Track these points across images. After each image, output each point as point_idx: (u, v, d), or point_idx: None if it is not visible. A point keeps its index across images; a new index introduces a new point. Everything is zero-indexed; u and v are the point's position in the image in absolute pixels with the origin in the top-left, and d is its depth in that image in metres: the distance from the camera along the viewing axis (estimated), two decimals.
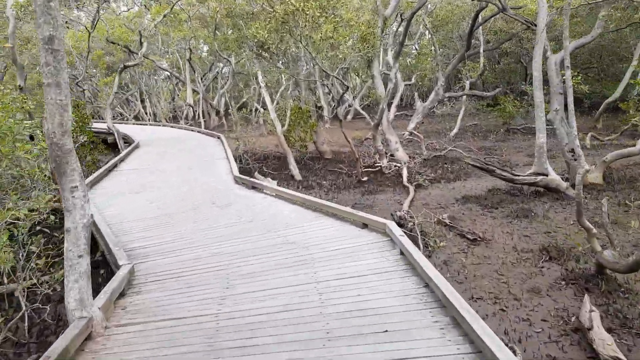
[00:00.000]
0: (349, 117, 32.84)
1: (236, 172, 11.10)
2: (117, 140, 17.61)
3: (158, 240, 7.09)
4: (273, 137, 20.00)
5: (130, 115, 37.04)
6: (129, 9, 33.60)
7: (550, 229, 8.94)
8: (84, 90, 18.50)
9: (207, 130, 21.94)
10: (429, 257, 7.72)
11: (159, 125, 30.12)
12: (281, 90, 20.07)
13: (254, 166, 16.85)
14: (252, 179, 9.67)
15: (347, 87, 13.79)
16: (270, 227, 7.34)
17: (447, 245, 8.37)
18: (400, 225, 8.63)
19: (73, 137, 13.36)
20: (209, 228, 7.48)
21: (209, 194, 9.36)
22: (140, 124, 31.94)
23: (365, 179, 13.90)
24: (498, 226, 9.32)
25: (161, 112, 37.63)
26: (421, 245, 7.83)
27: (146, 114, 39.10)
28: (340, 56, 12.95)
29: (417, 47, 34.01)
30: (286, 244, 6.64)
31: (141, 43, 29.35)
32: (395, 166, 14.50)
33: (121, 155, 14.42)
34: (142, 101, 41.30)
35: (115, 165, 12.99)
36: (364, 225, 7.06)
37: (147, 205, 8.90)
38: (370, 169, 14.98)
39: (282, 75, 22.19)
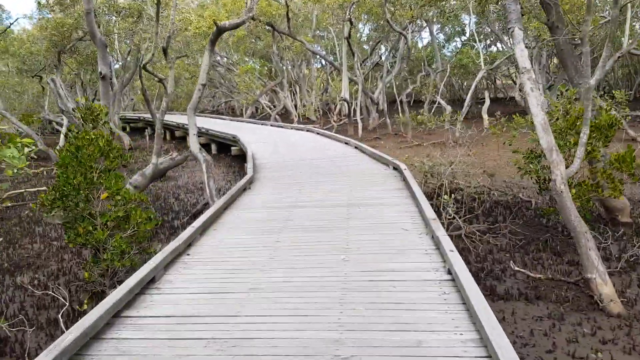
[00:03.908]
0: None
1: None
2: (206, 188, 8.88)
3: None
4: (466, 148, 10.88)
5: (273, 112, 30.75)
6: None
7: None
8: (161, 80, 12.08)
9: (372, 150, 13.20)
10: None
11: (294, 129, 21.60)
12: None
13: (471, 236, 8.13)
14: None
15: None
16: None
17: None
18: None
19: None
20: None
21: None
22: (276, 126, 23.54)
23: None
24: None
25: (310, 108, 31.11)
26: None
27: (295, 108, 32.79)
28: None
29: None
30: None
31: (288, 18, 22.77)
32: None
33: (195, 226, 5.82)
34: (293, 94, 35.28)
35: (178, 255, 4.48)
36: None
37: None
38: None
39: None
